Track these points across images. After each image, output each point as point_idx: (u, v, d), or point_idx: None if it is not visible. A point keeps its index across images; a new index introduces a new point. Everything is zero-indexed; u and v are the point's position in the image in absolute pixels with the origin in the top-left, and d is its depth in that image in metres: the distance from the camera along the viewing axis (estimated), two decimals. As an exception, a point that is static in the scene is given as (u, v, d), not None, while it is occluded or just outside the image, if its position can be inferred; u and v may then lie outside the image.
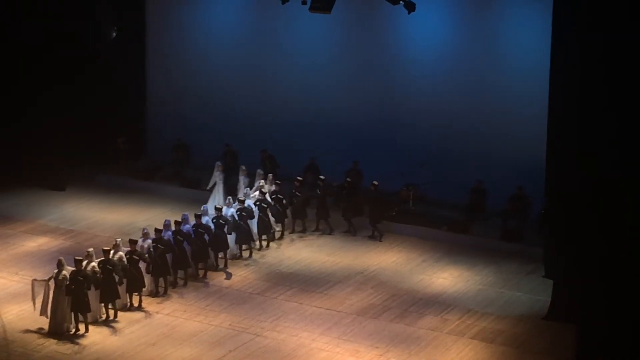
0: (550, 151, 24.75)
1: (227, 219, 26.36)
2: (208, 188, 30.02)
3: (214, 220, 26.08)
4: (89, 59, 32.33)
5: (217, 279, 25.83)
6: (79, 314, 22.67)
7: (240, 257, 27.02)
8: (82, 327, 22.77)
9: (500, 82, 29.81)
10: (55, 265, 22.89)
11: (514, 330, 23.51)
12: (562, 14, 23.69)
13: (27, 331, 22.65)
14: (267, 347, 22.44)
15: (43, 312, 22.70)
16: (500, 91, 29.82)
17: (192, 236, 25.38)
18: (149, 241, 24.41)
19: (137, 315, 23.65)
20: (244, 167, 29.83)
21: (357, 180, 30.16)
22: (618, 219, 20.97)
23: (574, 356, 21.52)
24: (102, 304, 23.25)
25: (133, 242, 23.92)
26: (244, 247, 27.18)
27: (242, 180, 29.51)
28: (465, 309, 24.51)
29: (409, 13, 27.44)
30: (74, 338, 22.48)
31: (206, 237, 25.67)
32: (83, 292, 22.48)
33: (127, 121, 33.47)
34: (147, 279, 24.28)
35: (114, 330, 22.91)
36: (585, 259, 21.74)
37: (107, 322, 23.20)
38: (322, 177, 29.36)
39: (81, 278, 22.43)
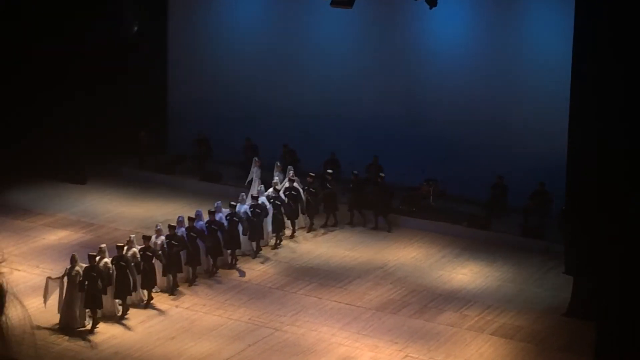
0: (572, 148, 24.66)
1: (241, 216, 26.26)
2: (246, 184, 29.79)
3: (228, 217, 25.97)
4: (112, 53, 32.36)
5: (235, 274, 25.84)
6: (91, 310, 22.68)
7: (255, 253, 26.84)
8: (92, 323, 22.75)
9: (522, 78, 29.70)
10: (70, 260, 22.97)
11: (533, 327, 23.45)
12: (583, 9, 23.61)
13: (46, 325, 22.75)
14: (287, 341, 22.46)
15: (58, 308, 22.76)
16: (522, 87, 29.72)
17: (206, 233, 25.31)
18: (163, 237, 24.36)
19: (157, 309, 23.69)
20: (256, 159, 29.74)
21: (373, 175, 30.08)
22: (638, 216, 20.86)
23: (593, 353, 21.43)
24: (118, 300, 23.25)
25: (147, 239, 23.92)
26: (254, 243, 26.92)
27: (256, 172, 29.37)
28: (485, 305, 24.46)
29: (430, 8, 27.33)
30: (88, 334, 22.53)
31: (220, 233, 25.55)
32: (96, 288, 22.48)
33: (148, 115, 33.49)
34: (160, 275, 24.26)
35: (134, 325, 22.96)
36: (605, 255, 21.65)
37: (123, 318, 23.22)
38: (329, 170, 29.35)
39: (94, 274, 22.45)
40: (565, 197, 25.63)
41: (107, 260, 22.86)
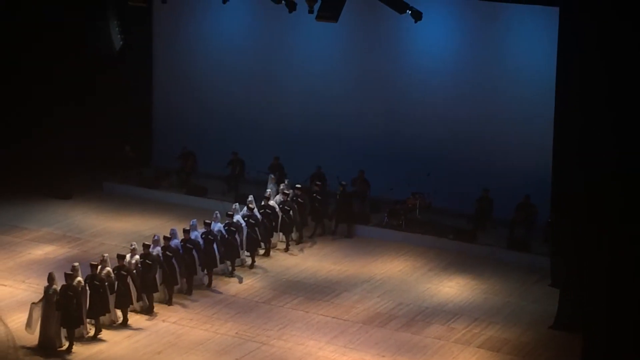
0: (556, 160, 24.76)
1: (215, 234, 25.77)
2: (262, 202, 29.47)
3: (203, 236, 25.53)
4: (96, 68, 32.35)
5: (224, 287, 25.81)
6: (67, 329, 22.45)
7: (230, 273, 26.43)
8: (69, 343, 22.51)
9: (506, 91, 29.80)
10: (52, 276, 22.69)
11: (520, 340, 23.49)
12: (568, 24, 23.73)
13: (30, 343, 22.68)
14: (274, 355, 22.44)
15: (33, 327, 22.55)
16: (507, 100, 29.81)
17: (180, 251, 24.84)
18: (137, 257, 24.07)
19: (143, 323, 23.63)
20: (272, 176, 29.65)
21: (363, 189, 30.28)
22: (624, 228, 20.93)
23: (580, 365, 21.50)
24: (90, 320, 22.94)
25: (121, 257, 23.64)
26: (228, 262, 26.46)
27: (272, 188, 29.07)
28: (472, 318, 24.50)
29: (415, 22, 27.47)
30: (64, 354, 22.29)
31: (195, 252, 25.06)
32: (72, 307, 22.27)
33: (133, 129, 33.50)
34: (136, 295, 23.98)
35: (120, 339, 22.88)
36: (591, 267, 21.71)
37: (95, 338, 22.85)
38: (318, 182, 29.49)
39: (70, 293, 22.28)
40: (550, 209, 25.73)
41: (80, 278, 22.50)
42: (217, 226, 26.10)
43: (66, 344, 22.47)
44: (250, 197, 27.86)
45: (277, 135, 32.71)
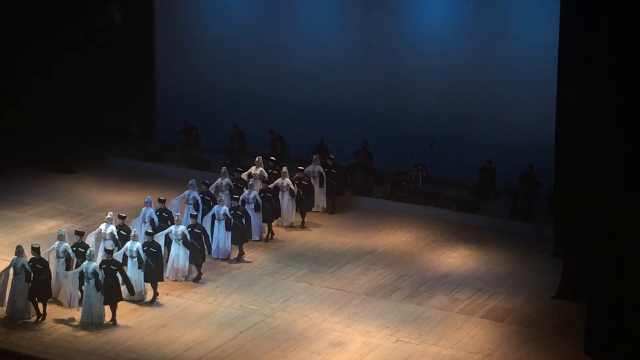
0: (559, 130, 24.71)
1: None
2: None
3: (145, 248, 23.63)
4: (99, 42, 32.30)
5: (224, 262, 25.82)
6: (39, 301, 22.54)
7: (197, 278, 24.79)
8: (37, 314, 22.59)
9: (508, 61, 29.73)
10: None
11: (523, 310, 23.51)
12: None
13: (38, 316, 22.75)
14: (278, 328, 22.47)
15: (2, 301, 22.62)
16: (509, 69, 29.75)
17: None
18: (112, 227, 24.05)
19: (148, 298, 23.61)
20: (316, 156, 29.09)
21: (366, 161, 30.28)
22: (627, 197, 20.90)
23: (584, 335, 21.49)
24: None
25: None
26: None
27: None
28: (475, 289, 24.52)
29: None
30: (35, 325, 22.33)
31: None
32: (42, 279, 22.37)
33: (136, 104, 33.46)
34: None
35: (124, 313, 22.90)
36: (595, 236, 21.69)
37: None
38: (331, 156, 29.38)
39: (40, 266, 22.39)
40: (553, 179, 25.70)
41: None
42: (180, 228, 24.60)
43: (34, 316, 22.56)
44: (285, 169, 27.92)
45: (279, 108, 32.67)
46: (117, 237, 24.15)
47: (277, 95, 32.81)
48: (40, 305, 22.65)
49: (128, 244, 23.48)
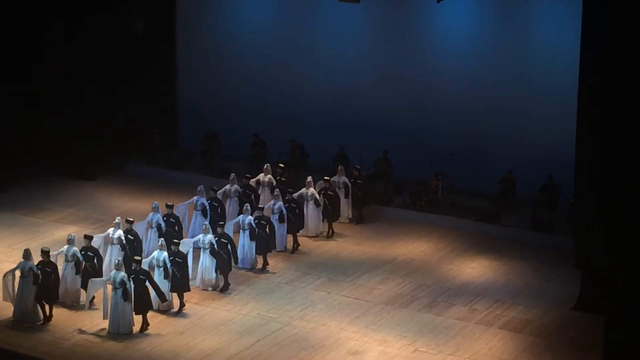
0: (580, 140, 24.65)
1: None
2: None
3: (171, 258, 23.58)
4: (123, 51, 32.42)
5: (242, 270, 25.82)
6: (46, 303, 22.69)
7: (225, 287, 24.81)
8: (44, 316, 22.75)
9: (530, 71, 29.67)
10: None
11: (542, 321, 23.44)
12: (592, 2, 23.58)
13: (59, 320, 22.83)
14: (296, 336, 22.48)
15: (6, 298, 22.77)
16: (530, 80, 29.69)
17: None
18: (120, 232, 24.24)
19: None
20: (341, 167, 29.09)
21: (386, 170, 30.32)
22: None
23: (602, 347, 21.38)
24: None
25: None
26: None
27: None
28: (494, 299, 24.46)
29: (437, 2, 27.34)
30: (42, 327, 22.49)
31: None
32: (50, 282, 22.56)
33: (159, 112, 33.56)
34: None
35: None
36: (614, 249, 21.60)
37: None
38: (357, 167, 29.34)
39: (48, 269, 22.57)
40: (573, 190, 25.63)
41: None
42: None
43: (47, 316, 22.75)
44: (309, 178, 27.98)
45: (300, 117, 32.71)
46: (124, 241, 24.30)
47: (297, 103, 32.84)
48: (47, 308, 22.76)
49: (155, 253, 23.55)
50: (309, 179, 28.09)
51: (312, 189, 27.86)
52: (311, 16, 32.37)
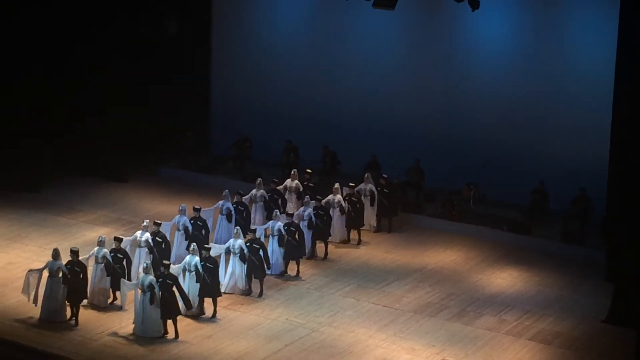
0: (614, 153, 24.52)
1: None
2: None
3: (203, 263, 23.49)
4: (156, 54, 32.54)
5: (271, 276, 25.82)
6: (74, 303, 22.76)
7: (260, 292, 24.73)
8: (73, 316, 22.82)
9: (564, 82, 29.54)
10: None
11: (572, 333, 23.30)
12: (628, 14, 23.45)
13: (88, 320, 22.91)
14: (324, 342, 22.45)
15: (35, 300, 22.81)
16: (564, 91, 29.56)
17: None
18: (147, 234, 24.31)
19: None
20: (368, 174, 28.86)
21: (417, 178, 30.25)
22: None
23: (633, 360, 21.29)
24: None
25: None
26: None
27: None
28: (524, 310, 24.33)
29: (472, 10, 27.24)
30: (71, 327, 22.56)
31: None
32: (79, 282, 22.65)
33: (192, 116, 33.65)
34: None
35: (170, 322, 22.95)
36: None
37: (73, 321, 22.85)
38: (384, 175, 29.27)
39: (77, 269, 22.64)
40: (606, 203, 25.48)
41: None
42: (238, 242, 24.58)
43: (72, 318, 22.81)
44: (337, 185, 27.89)
45: (332, 124, 32.68)
46: (152, 244, 24.35)
47: (330, 110, 32.83)
48: (74, 309, 22.85)
49: (187, 257, 23.58)
50: (336, 185, 28.06)
51: (338, 196, 27.83)
52: (345, 23, 32.37)
